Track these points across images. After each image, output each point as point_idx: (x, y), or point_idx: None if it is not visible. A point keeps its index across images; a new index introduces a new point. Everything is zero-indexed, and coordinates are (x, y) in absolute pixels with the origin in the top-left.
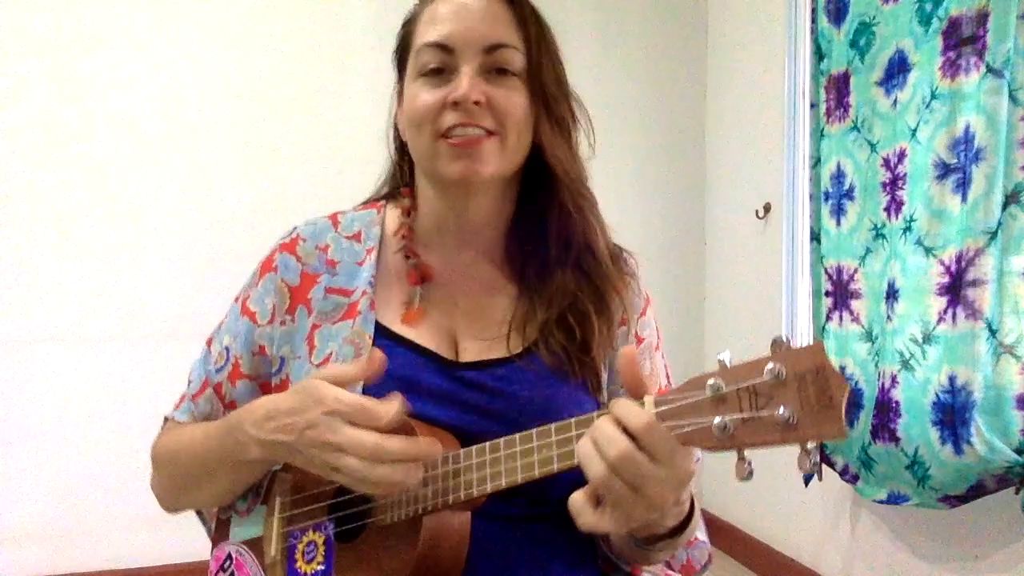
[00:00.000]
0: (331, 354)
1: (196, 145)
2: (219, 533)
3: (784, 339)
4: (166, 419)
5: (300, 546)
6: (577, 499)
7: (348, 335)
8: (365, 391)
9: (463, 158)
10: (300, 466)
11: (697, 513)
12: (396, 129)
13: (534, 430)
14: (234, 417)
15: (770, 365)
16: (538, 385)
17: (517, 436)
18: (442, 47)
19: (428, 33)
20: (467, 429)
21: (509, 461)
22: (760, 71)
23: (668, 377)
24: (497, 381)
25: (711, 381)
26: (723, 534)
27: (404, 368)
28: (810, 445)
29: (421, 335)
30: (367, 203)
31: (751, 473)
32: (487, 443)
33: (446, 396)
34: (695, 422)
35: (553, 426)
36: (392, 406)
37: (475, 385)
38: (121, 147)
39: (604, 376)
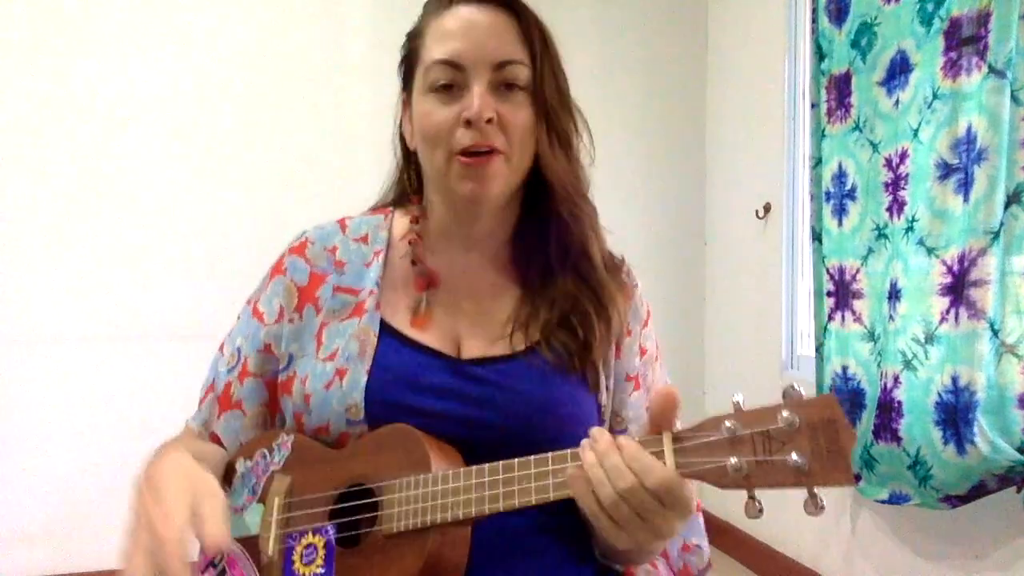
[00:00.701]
0: (337, 349)
1: (197, 145)
2: None
3: (794, 388)
4: (187, 424)
5: (298, 548)
6: None
7: (354, 331)
8: (368, 387)
9: (473, 179)
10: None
11: (695, 518)
12: (402, 137)
13: (532, 458)
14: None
15: (784, 413)
16: (540, 381)
17: (516, 461)
18: (452, 64)
19: (437, 49)
20: (469, 421)
21: (509, 484)
22: (760, 71)
23: None
24: (499, 375)
25: (727, 423)
26: (723, 534)
27: (407, 366)
28: (817, 490)
29: (425, 336)
30: (375, 208)
31: (761, 511)
32: (500, 463)
33: (449, 391)
34: (711, 461)
35: (550, 455)
36: None
37: (477, 379)
38: (122, 147)
39: (603, 377)
